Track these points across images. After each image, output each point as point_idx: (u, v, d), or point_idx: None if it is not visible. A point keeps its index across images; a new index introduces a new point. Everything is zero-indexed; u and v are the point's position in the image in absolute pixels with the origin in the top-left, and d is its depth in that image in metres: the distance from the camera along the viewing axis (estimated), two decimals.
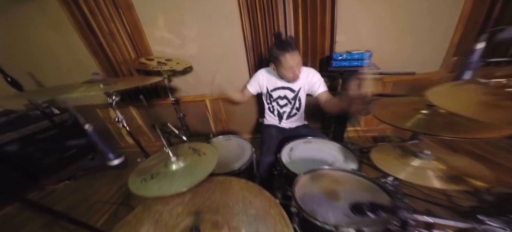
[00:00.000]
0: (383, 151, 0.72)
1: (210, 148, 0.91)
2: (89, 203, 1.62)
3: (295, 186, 0.69)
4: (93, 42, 1.60)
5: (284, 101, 1.31)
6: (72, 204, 1.66)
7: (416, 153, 0.62)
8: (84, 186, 1.84)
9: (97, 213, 1.51)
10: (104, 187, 1.76)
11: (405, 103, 0.76)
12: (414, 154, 0.63)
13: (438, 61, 1.50)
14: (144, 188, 0.70)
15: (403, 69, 1.37)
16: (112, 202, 1.60)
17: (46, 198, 1.74)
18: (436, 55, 1.48)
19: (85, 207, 1.59)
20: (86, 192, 1.75)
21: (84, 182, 1.88)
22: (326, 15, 1.32)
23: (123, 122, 0.96)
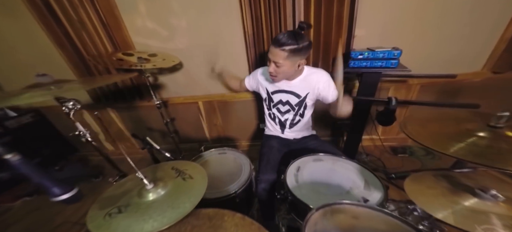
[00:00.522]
0: (422, 181, 0.61)
1: (198, 169, 0.79)
2: (54, 224, 1.50)
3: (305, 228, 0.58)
4: (57, 31, 1.46)
5: (286, 107, 1.19)
6: (31, 225, 1.54)
7: (474, 189, 0.50)
8: (48, 204, 1.69)
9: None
10: (73, 205, 1.62)
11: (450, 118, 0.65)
12: (469, 190, 0.52)
13: (481, 59, 1.36)
14: (107, 226, 0.59)
15: (437, 70, 1.24)
16: (83, 222, 1.49)
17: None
18: (479, 52, 1.34)
19: (49, 229, 1.48)
20: (50, 211, 1.63)
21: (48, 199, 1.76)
22: (344, 4, 1.20)
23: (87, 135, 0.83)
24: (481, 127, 0.56)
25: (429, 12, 1.22)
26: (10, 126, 1.68)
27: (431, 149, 0.57)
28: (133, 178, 0.77)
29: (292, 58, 0.93)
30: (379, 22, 1.28)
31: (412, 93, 1.55)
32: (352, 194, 0.79)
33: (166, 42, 1.51)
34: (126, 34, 1.48)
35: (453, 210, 0.52)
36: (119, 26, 1.43)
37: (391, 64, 1.10)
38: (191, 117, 1.96)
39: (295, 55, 0.93)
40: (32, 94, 0.64)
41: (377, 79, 1.20)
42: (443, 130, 0.63)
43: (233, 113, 1.91)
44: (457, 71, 1.27)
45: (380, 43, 1.27)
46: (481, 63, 1.37)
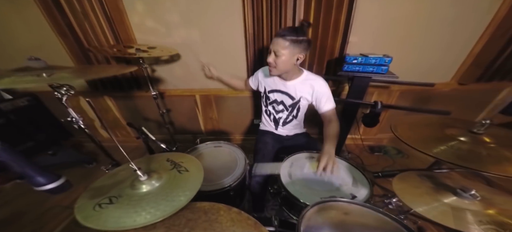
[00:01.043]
0: (408, 181, 0.60)
1: (194, 162, 0.73)
2: (44, 207, 1.39)
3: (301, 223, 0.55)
4: (60, 21, 1.32)
5: (280, 107, 1.16)
6: (22, 207, 1.42)
7: (456, 189, 0.50)
8: None
9: (54, 220, 1.30)
10: None
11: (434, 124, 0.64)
12: (450, 190, 0.51)
13: (451, 71, 1.42)
14: (97, 217, 0.52)
15: (416, 78, 1.26)
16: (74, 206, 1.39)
17: None
18: (451, 65, 1.39)
19: (39, 212, 1.36)
20: (41, 196, 1.48)
21: None
22: (342, 12, 1.17)
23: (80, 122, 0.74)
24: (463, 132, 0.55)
25: (416, 24, 1.23)
26: (4, 108, 1.49)
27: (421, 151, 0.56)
28: (126, 168, 0.69)
29: (292, 49, 0.89)
30: (372, 30, 1.27)
31: (392, 98, 1.58)
32: (342, 190, 0.78)
33: (166, 37, 1.40)
34: (129, 28, 1.36)
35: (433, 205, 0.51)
36: (122, 20, 1.32)
37: (381, 70, 1.09)
38: (187, 109, 1.87)
39: (295, 47, 0.89)
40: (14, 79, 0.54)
41: (366, 84, 1.20)
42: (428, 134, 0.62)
43: (229, 108, 1.84)
44: (433, 80, 1.31)
45: (371, 50, 1.26)
46: (450, 75, 1.44)
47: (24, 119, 1.60)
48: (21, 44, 1.47)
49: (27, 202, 1.45)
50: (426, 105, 1.56)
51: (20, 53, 1.51)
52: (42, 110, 1.82)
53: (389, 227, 0.55)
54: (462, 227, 0.45)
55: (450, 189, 0.53)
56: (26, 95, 1.68)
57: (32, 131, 1.68)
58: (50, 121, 1.88)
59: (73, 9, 1.28)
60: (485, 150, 0.51)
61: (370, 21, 1.22)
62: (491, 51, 1.25)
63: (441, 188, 0.55)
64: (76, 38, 1.40)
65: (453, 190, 0.52)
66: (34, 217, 1.33)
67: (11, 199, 1.48)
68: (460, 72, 1.40)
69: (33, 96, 1.73)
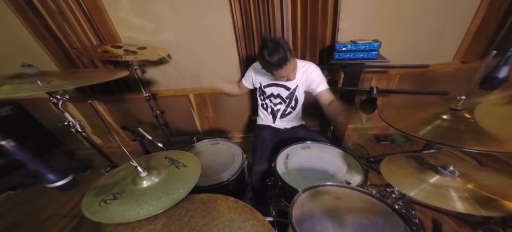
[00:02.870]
0: (395, 163, 0.68)
1: (191, 158, 0.81)
2: (42, 217, 1.46)
3: (292, 209, 0.63)
4: (36, 23, 1.37)
5: (278, 100, 1.24)
6: (18, 218, 1.49)
7: (436, 167, 0.57)
8: (35, 196, 1.64)
9: (53, 229, 1.38)
10: (62, 197, 1.60)
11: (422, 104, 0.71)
12: (433, 168, 0.59)
13: (452, 50, 1.46)
14: (103, 212, 0.60)
15: (414, 61, 1.32)
16: (72, 215, 1.46)
17: None
18: (450, 44, 1.44)
19: (37, 221, 1.44)
20: (38, 204, 1.58)
21: (36, 191, 1.70)
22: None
23: (77, 126, 0.82)
24: (444, 110, 0.62)
25: (406, 6, 1.28)
26: None
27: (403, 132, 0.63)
28: (126, 167, 0.77)
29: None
30: (362, 16, 1.33)
31: (393, 83, 1.64)
32: (336, 178, 0.84)
33: (153, 35, 1.46)
34: (111, 27, 1.41)
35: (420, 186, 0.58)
36: (103, 18, 1.37)
37: (372, 56, 1.16)
38: (181, 109, 1.94)
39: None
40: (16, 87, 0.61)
41: (360, 70, 1.27)
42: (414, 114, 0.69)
43: (225, 105, 1.91)
44: (431, 62, 1.37)
45: (363, 36, 1.31)
46: (452, 54, 1.48)
47: (9, 128, 1.66)
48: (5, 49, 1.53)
49: (23, 213, 1.52)
50: (430, 86, 1.60)
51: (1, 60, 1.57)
52: (27, 118, 1.88)
53: (378, 209, 0.63)
54: (448, 205, 0.52)
55: (433, 168, 0.60)
56: (8, 103, 1.74)
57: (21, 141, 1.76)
58: (37, 128, 1.96)
59: (48, 9, 1.32)
60: (465, 126, 0.58)
61: (359, 6, 1.28)
62: (490, 26, 1.28)
63: (425, 167, 0.62)
64: (57, 40, 1.45)
65: (435, 168, 0.60)
66: (32, 227, 1.40)
67: (6, 210, 1.55)
68: (461, 50, 1.44)
69: (16, 104, 1.80)
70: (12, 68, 0.76)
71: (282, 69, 0.97)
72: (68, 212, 1.48)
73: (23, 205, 1.60)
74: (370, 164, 1.38)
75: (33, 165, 0.49)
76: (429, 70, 1.38)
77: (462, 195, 0.50)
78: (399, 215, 0.55)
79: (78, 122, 0.84)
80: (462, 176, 0.54)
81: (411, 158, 0.67)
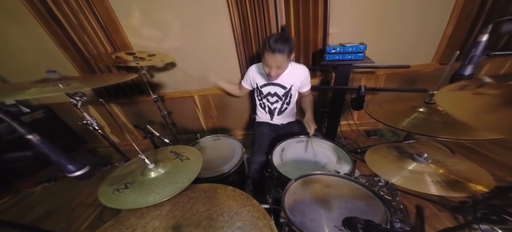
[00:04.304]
0: (378, 152, 0.68)
1: (194, 152, 0.83)
2: (71, 206, 1.52)
3: (285, 195, 0.64)
4: (60, 35, 1.42)
5: (275, 98, 1.25)
6: (51, 207, 1.56)
7: (413, 155, 0.58)
8: (65, 188, 1.74)
9: (80, 217, 1.43)
10: (87, 189, 1.67)
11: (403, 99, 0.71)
12: (410, 156, 0.59)
13: (431, 53, 1.48)
14: (117, 199, 0.62)
15: (398, 62, 1.33)
16: (96, 204, 1.51)
17: (22, 202, 1.63)
18: (429, 47, 1.45)
19: (67, 210, 1.50)
20: (67, 195, 1.66)
21: (66, 184, 1.78)
22: (318, 5, 1.24)
23: (94, 124, 0.85)
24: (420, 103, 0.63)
25: (388, 13, 1.30)
26: (25, 120, 1.65)
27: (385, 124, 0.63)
28: (137, 161, 0.79)
29: (289, 58, 1.00)
30: (350, 21, 1.33)
31: (380, 82, 1.63)
32: (327, 168, 0.85)
33: (161, 42, 1.49)
34: (123, 36, 1.44)
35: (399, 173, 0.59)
36: (116, 28, 1.40)
37: (358, 57, 1.16)
38: (187, 110, 1.96)
39: (290, 55, 0.99)
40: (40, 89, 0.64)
41: (348, 70, 1.27)
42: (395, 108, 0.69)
43: (227, 105, 1.92)
44: (413, 63, 1.37)
45: (351, 40, 1.31)
46: (431, 56, 1.50)
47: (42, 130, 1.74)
48: (30, 60, 1.59)
49: (56, 203, 1.60)
50: (412, 85, 1.62)
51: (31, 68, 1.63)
52: (56, 120, 1.96)
53: (361, 194, 0.64)
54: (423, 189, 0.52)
55: (410, 156, 0.61)
56: (41, 107, 1.83)
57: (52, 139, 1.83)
58: (65, 129, 2.03)
59: (70, 22, 1.37)
60: (438, 117, 0.59)
61: (347, 12, 1.28)
62: (461, 31, 1.31)
63: (404, 156, 0.63)
64: (77, 49, 1.50)
65: (412, 156, 0.60)
66: (63, 214, 1.47)
67: (42, 200, 1.63)
68: (439, 53, 1.46)
69: (48, 108, 1.87)
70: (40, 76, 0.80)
71: (271, 55, 0.94)
72: (92, 202, 1.54)
73: (55, 195, 1.67)
74: (358, 154, 1.39)
75: (55, 157, 0.52)
76: (412, 71, 1.39)
77: (435, 179, 0.50)
78: (380, 198, 0.56)
79: (95, 120, 0.87)
80: (435, 163, 0.54)
81: (392, 148, 0.67)
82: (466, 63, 0.67)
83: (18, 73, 1.69)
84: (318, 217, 0.56)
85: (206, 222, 0.57)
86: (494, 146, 1.34)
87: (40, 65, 1.61)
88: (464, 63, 0.68)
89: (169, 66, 1.63)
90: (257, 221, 0.56)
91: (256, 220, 0.56)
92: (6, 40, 1.50)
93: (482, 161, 1.30)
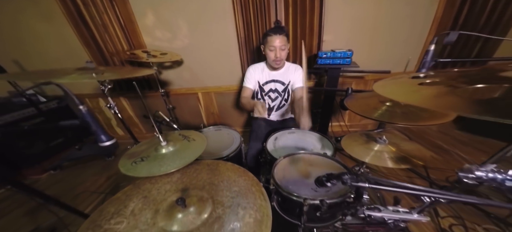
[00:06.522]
0: (352, 138, 0.82)
1: (199, 135, 0.97)
2: (75, 193, 1.61)
3: (274, 167, 0.77)
4: (85, 33, 1.59)
5: (275, 94, 1.39)
6: (56, 193, 1.64)
7: (376, 139, 0.72)
8: (70, 176, 1.81)
9: (84, 202, 1.52)
10: (91, 177, 1.76)
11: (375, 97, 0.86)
12: (375, 140, 0.73)
13: (414, 62, 1.64)
14: (134, 169, 0.75)
15: (380, 68, 1.49)
16: (100, 191, 1.60)
17: None
18: (412, 56, 1.61)
19: (71, 196, 1.58)
20: (72, 182, 1.74)
21: (71, 172, 1.86)
22: (314, 15, 1.41)
23: (115, 108, 0.99)
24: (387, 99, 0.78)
25: (379, 23, 1.46)
26: (43, 108, 1.79)
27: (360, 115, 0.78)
28: (150, 141, 0.93)
29: (287, 42, 1.18)
30: (342, 30, 1.50)
31: (368, 86, 1.79)
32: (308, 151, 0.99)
33: (172, 43, 1.65)
34: (140, 36, 1.62)
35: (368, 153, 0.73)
36: (134, 29, 1.57)
37: (346, 62, 1.32)
38: (191, 106, 2.10)
39: (287, 40, 1.17)
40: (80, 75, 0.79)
41: (338, 74, 1.42)
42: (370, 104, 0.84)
43: (228, 102, 2.06)
44: (399, 70, 1.53)
45: (342, 47, 1.48)
46: (414, 64, 1.66)
47: (56, 118, 1.88)
48: (53, 55, 1.75)
49: (60, 189, 1.68)
50: None
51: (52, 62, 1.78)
52: (68, 111, 2.10)
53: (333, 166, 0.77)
54: (383, 163, 0.67)
55: (374, 139, 0.75)
56: (56, 98, 1.97)
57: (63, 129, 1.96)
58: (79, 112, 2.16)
59: (96, 23, 1.54)
60: (399, 109, 0.73)
61: (339, 22, 1.45)
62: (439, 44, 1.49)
63: (371, 140, 0.77)
64: (98, 46, 1.66)
65: (375, 139, 0.74)
66: (67, 200, 1.55)
67: (47, 186, 1.72)
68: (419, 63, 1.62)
69: (61, 99, 2.01)
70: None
71: (274, 37, 1.11)
72: (96, 189, 1.63)
73: (61, 183, 1.76)
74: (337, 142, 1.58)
75: (94, 127, 0.65)
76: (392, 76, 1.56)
77: (390, 156, 0.64)
78: (346, 168, 0.70)
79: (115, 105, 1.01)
80: (391, 144, 0.69)
81: (363, 135, 0.82)
82: (421, 68, 0.82)
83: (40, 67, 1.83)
84: (300, 184, 0.70)
85: (209, 186, 0.70)
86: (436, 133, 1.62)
87: (61, 60, 1.76)
88: (419, 68, 0.83)
89: (176, 65, 1.78)
90: (251, 187, 0.69)
91: (250, 186, 0.70)
92: (35, 35, 1.66)
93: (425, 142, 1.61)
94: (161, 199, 0.67)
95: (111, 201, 0.68)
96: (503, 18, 1.30)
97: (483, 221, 0.99)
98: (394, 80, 0.56)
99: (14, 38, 1.67)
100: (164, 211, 0.61)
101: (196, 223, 0.55)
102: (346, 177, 0.43)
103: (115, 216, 0.62)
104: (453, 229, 0.96)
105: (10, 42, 1.69)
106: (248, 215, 0.58)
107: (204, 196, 0.66)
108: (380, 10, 1.42)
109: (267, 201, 0.63)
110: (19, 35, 1.66)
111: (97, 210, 0.63)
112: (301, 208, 0.62)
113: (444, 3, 1.37)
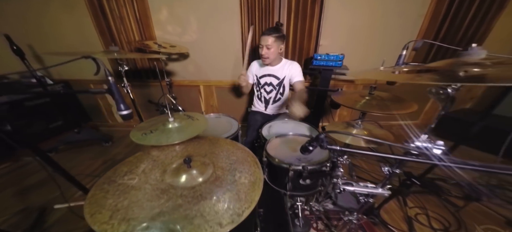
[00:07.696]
0: (335, 124, 0.97)
1: (202, 116, 1.08)
2: None
3: (267, 144, 0.90)
4: (102, 23, 1.71)
5: (270, 88, 1.52)
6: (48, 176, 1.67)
7: (354, 124, 0.87)
8: (65, 160, 1.80)
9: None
10: (87, 161, 1.77)
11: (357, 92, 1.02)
12: (352, 125, 0.88)
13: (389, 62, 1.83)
14: (144, 139, 0.86)
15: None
16: (94, 175, 1.60)
17: (23, 168, 1.67)
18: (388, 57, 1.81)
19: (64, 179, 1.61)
20: (66, 165, 1.63)
21: (66, 156, 1.85)
22: (314, 20, 1.57)
23: (128, 87, 1.11)
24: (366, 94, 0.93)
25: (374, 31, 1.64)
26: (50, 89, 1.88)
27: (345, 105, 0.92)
28: (157, 118, 1.04)
29: (277, 42, 1.29)
30: (337, 36, 1.67)
31: (358, 88, 1.96)
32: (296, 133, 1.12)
33: (181, 38, 1.79)
34: (152, 30, 1.75)
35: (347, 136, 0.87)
36: (148, 23, 1.71)
37: (338, 64, 1.48)
38: (191, 97, 2.21)
39: (278, 40, 1.29)
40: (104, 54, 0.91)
41: (330, 75, 1.58)
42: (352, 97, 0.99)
43: (227, 96, 2.18)
44: None
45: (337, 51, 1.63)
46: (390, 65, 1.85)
47: (59, 101, 1.95)
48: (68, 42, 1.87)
49: None
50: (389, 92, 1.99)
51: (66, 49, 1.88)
52: (71, 96, 2.18)
53: None
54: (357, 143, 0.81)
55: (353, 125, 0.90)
56: (61, 82, 2.05)
57: (64, 111, 2.03)
58: (76, 105, 2.23)
59: (114, 15, 1.66)
60: (375, 102, 0.88)
61: (335, 28, 1.63)
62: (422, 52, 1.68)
63: (350, 126, 0.92)
64: (112, 35, 1.77)
65: (353, 125, 0.89)
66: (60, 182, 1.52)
67: (39, 169, 1.66)
68: None
69: (66, 83, 2.09)
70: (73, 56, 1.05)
71: (264, 36, 1.27)
72: (91, 173, 1.64)
73: None
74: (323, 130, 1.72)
75: (117, 96, 0.75)
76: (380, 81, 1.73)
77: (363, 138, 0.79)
78: None
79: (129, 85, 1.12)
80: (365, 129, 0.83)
81: (345, 123, 0.96)
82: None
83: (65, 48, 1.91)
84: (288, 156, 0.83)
85: (210, 155, 0.82)
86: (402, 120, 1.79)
87: (74, 46, 1.87)
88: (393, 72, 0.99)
89: (182, 58, 1.91)
90: (247, 158, 0.82)
91: (246, 157, 0.82)
92: (55, 23, 1.77)
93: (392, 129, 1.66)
94: (169, 162, 0.78)
95: (124, 162, 0.79)
96: (477, 34, 1.51)
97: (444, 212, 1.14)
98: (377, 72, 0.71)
99: (34, 24, 1.78)
100: (171, 171, 0.73)
101: (199, 180, 0.67)
102: (322, 137, 0.55)
103: (128, 173, 0.72)
104: (418, 218, 1.11)
105: (30, 28, 1.79)
106: (244, 177, 0.70)
107: (206, 161, 0.78)
108: (375, 20, 1.60)
109: (260, 169, 0.75)
110: (39, 22, 1.76)
111: (112, 169, 0.73)
112: (287, 174, 0.74)
113: (429, 17, 1.56)
